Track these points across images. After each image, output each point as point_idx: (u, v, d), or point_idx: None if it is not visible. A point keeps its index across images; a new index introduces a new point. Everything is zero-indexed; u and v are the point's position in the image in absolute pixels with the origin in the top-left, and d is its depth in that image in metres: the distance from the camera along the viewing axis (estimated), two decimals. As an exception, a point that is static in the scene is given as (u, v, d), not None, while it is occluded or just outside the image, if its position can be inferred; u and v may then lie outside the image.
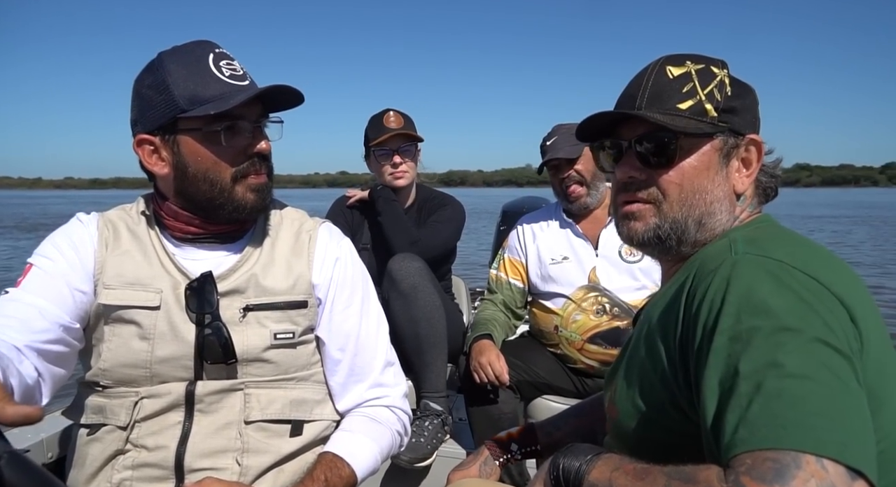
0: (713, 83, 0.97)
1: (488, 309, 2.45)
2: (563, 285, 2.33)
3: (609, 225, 2.36)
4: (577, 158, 2.33)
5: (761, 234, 0.93)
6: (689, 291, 0.88)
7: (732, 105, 0.97)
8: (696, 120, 0.96)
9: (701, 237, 0.99)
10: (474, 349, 2.23)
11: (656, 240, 1.00)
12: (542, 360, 2.33)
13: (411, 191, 2.65)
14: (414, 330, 2.23)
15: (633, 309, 2.23)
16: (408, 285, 2.23)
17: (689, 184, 0.97)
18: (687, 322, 0.86)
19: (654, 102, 0.99)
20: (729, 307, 0.79)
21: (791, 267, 0.81)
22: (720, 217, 0.98)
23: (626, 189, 1.02)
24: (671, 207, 0.98)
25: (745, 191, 1.00)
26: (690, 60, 1.00)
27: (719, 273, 0.83)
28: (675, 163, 0.97)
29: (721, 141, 0.97)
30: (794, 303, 0.77)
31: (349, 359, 1.33)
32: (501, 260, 2.53)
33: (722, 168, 0.98)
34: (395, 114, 2.55)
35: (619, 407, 0.99)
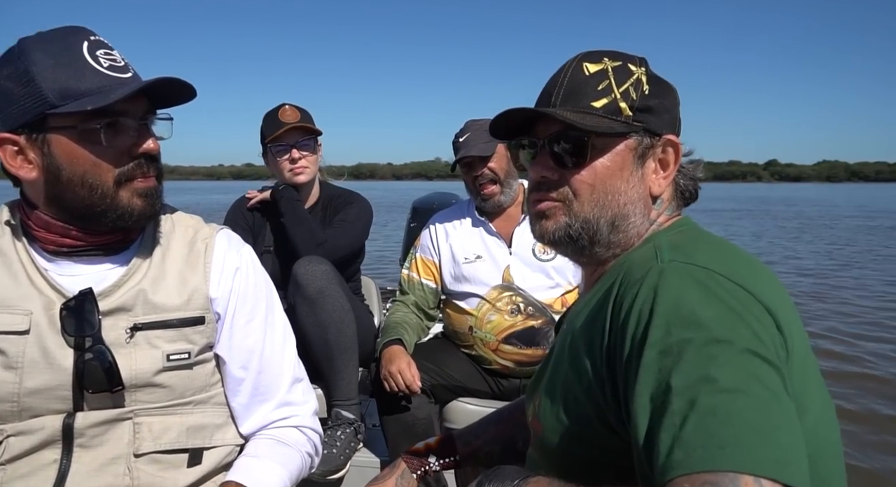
0: (629, 81, 0.94)
1: (399, 311, 2.38)
2: (477, 285, 2.29)
3: (523, 223, 2.33)
4: (491, 156, 2.29)
5: (685, 239, 0.91)
6: (616, 300, 0.84)
7: (649, 104, 0.94)
8: (610, 119, 0.93)
9: (615, 239, 0.96)
10: (384, 356, 2.15)
11: (567, 239, 0.98)
12: (456, 362, 2.28)
13: (314, 188, 2.53)
14: (323, 336, 2.13)
15: (548, 308, 2.22)
16: (314, 289, 2.12)
17: (602, 184, 0.94)
18: (614, 333, 0.82)
19: (569, 100, 0.95)
20: (658, 318, 0.76)
21: (717, 275, 0.79)
22: (634, 219, 0.96)
23: (538, 188, 1.00)
24: (582, 207, 0.95)
25: (661, 194, 0.97)
26: (608, 57, 0.96)
27: (646, 282, 0.80)
28: (587, 162, 0.94)
29: (636, 141, 0.94)
30: (722, 313, 0.75)
31: (253, 378, 1.22)
32: (413, 259, 2.46)
33: (637, 169, 0.95)
34: (291, 108, 2.42)
35: (542, 422, 0.94)
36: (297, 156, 2.40)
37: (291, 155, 2.39)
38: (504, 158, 2.32)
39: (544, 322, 2.20)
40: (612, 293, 0.86)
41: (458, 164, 2.34)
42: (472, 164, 2.31)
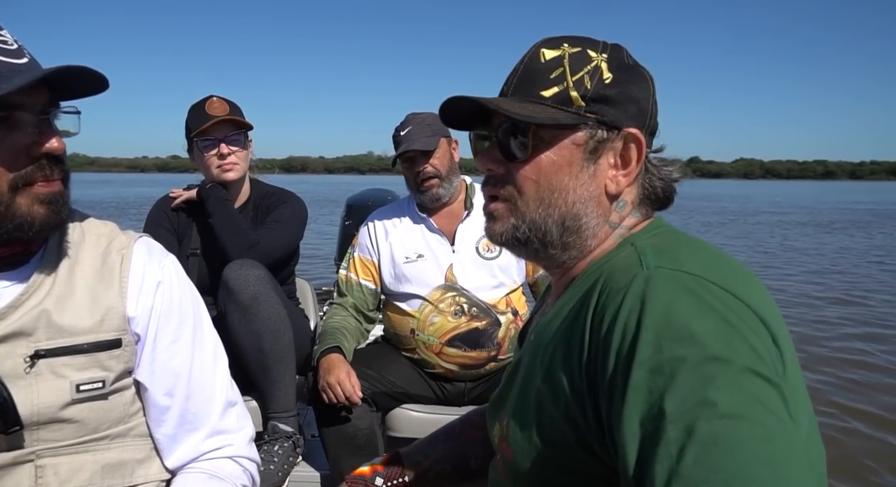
0: (585, 69, 0.85)
1: (337, 314, 2.26)
2: (419, 285, 2.20)
3: (466, 219, 2.25)
4: (433, 151, 2.20)
5: (668, 243, 0.83)
6: (596, 310, 0.76)
7: (606, 94, 0.85)
8: (558, 108, 0.85)
9: (569, 240, 0.88)
10: (322, 366, 2.03)
11: (516, 242, 0.90)
12: (398, 367, 2.19)
13: (244, 186, 2.38)
14: (257, 345, 2.00)
15: (492, 308, 2.15)
16: (247, 295, 1.99)
17: (547, 181, 0.86)
18: (595, 347, 0.74)
19: (521, 88, 0.88)
20: (646, 332, 0.68)
21: (708, 283, 0.72)
22: (587, 220, 0.87)
23: (487, 183, 0.92)
24: (527, 206, 0.87)
25: (620, 193, 0.88)
26: (569, 43, 0.87)
27: (631, 290, 0.72)
28: (531, 156, 0.86)
29: (586, 134, 0.85)
30: (718, 326, 0.67)
31: (180, 404, 1.09)
32: (351, 259, 2.34)
33: (588, 165, 0.86)
34: (219, 100, 2.26)
35: (513, 446, 0.85)
36: (225, 152, 2.24)
37: (220, 150, 2.24)
38: (447, 154, 2.24)
39: (489, 323, 2.14)
40: (591, 302, 0.77)
41: (399, 159, 2.24)
42: (413, 159, 2.21)
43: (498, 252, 2.22)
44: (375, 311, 2.35)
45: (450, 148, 2.26)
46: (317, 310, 2.71)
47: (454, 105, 0.91)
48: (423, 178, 2.20)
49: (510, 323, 2.17)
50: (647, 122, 0.88)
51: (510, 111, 0.84)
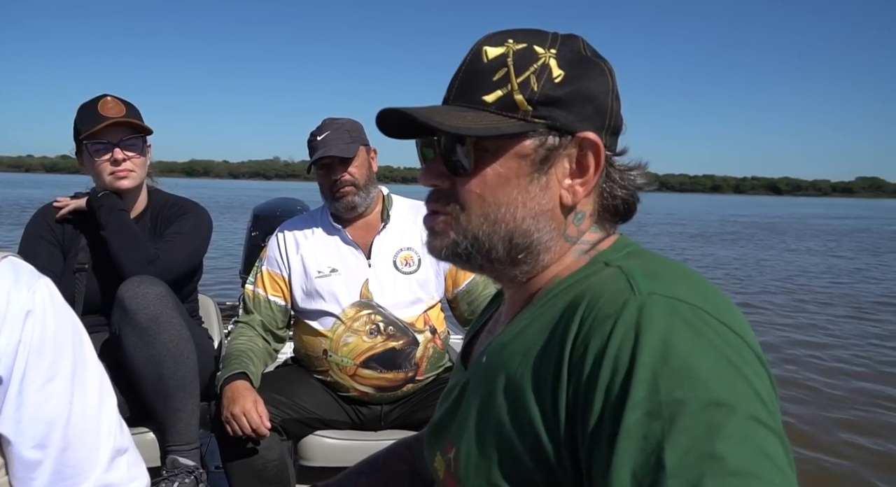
0: (532, 67, 0.76)
1: (243, 335, 2.09)
2: (332, 302, 2.07)
3: (382, 231, 2.14)
4: (352, 159, 2.08)
5: (655, 265, 0.74)
6: (577, 337, 0.67)
7: (557, 95, 0.76)
8: (502, 115, 0.76)
9: (518, 256, 0.79)
10: (226, 394, 1.86)
11: (457, 257, 0.81)
12: (309, 391, 2.05)
13: (141, 194, 2.18)
14: (156, 371, 1.82)
15: (409, 327, 2.06)
16: (146, 316, 1.80)
17: (492, 195, 0.77)
18: (576, 381, 0.65)
19: (462, 94, 0.79)
20: (641, 369, 0.60)
21: (705, 314, 0.64)
22: (539, 236, 0.79)
23: (429, 199, 0.83)
24: (470, 221, 0.79)
25: (577, 203, 0.79)
26: (514, 38, 0.78)
27: (623, 318, 0.64)
28: (476, 170, 0.78)
29: (535, 142, 0.76)
30: (719, 366, 0.60)
31: (55, 457, 0.91)
32: (259, 273, 2.18)
33: (538, 175, 0.77)
34: (114, 100, 2.05)
35: (464, 483, 0.76)
36: (120, 158, 2.04)
37: (114, 155, 2.03)
38: (365, 162, 2.12)
39: (406, 342, 2.04)
40: (571, 328, 0.69)
41: (314, 165, 2.11)
42: (330, 166, 2.09)
43: (416, 266, 2.13)
44: (285, 330, 2.20)
45: (368, 156, 2.16)
46: (221, 329, 2.53)
47: (389, 116, 0.80)
48: (340, 186, 2.08)
49: (428, 342, 2.08)
50: (606, 122, 0.79)
51: (442, 124, 0.74)
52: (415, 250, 2.15)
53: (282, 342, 2.20)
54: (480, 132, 0.75)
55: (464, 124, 0.75)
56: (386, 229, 2.16)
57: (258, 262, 2.22)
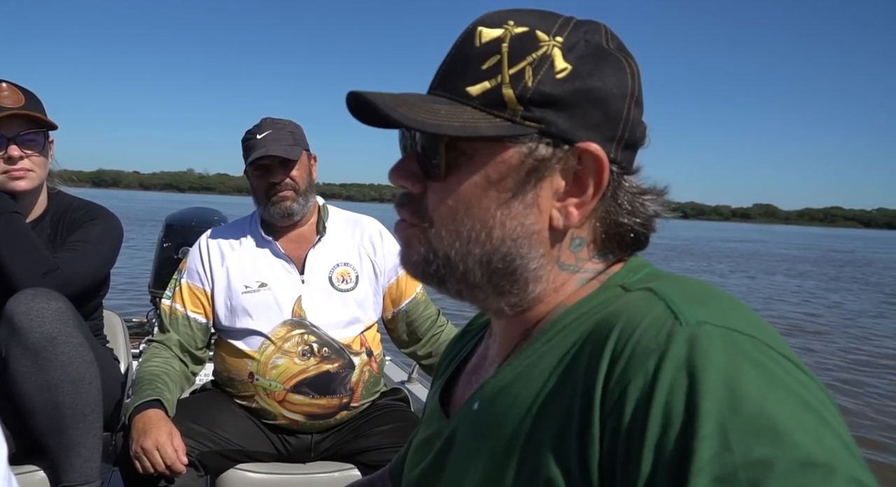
0: (530, 57, 0.62)
1: (157, 356, 1.86)
2: (260, 320, 1.88)
3: (318, 244, 1.97)
4: (295, 162, 1.90)
5: (692, 287, 0.61)
6: (610, 378, 0.54)
7: (555, 93, 0.61)
8: (485, 112, 0.62)
9: (501, 284, 0.65)
10: (136, 425, 1.63)
11: (430, 278, 0.67)
12: (231, 419, 1.84)
13: (40, 197, 1.93)
14: (52, 400, 1.58)
15: (345, 348, 1.89)
16: (41, 336, 1.56)
17: (465, 208, 0.63)
18: (613, 433, 0.52)
19: (445, 81, 0.65)
20: (706, 421, 0.48)
21: (769, 348, 0.53)
22: (523, 262, 0.64)
23: (398, 204, 0.69)
24: (440, 237, 0.65)
25: (570, 228, 0.65)
26: (516, 19, 0.64)
27: (671, 355, 0.51)
28: (448, 175, 0.64)
29: (523, 149, 0.62)
30: (801, 415, 0.49)
31: None
32: (177, 287, 1.96)
33: (523, 190, 0.63)
34: (11, 88, 1.80)
35: None
36: (16, 155, 1.79)
37: (9, 152, 1.78)
38: (306, 168, 1.96)
39: (341, 365, 1.87)
40: (600, 365, 0.55)
41: (251, 166, 1.92)
42: (269, 168, 1.90)
43: (354, 283, 1.97)
44: (205, 350, 1.99)
45: (309, 162, 1.99)
46: (128, 349, 2.27)
47: (358, 101, 0.65)
48: (279, 190, 1.90)
49: (364, 366, 1.92)
50: (618, 133, 0.64)
51: (405, 117, 0.60)
52: (352, 266, 1.99)
53: (200, 364, 1.98)
54: (450, 130, 0.61)
55: (434, 119, 0.61)
56: (321, 242, 1.99)
57: (177, 275, 2.01)
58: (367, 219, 2.11)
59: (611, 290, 0.64)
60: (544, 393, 0.60)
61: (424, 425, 0.81)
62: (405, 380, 2.79)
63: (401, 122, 0.60)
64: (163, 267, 3.19)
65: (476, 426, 0.66)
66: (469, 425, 0.68)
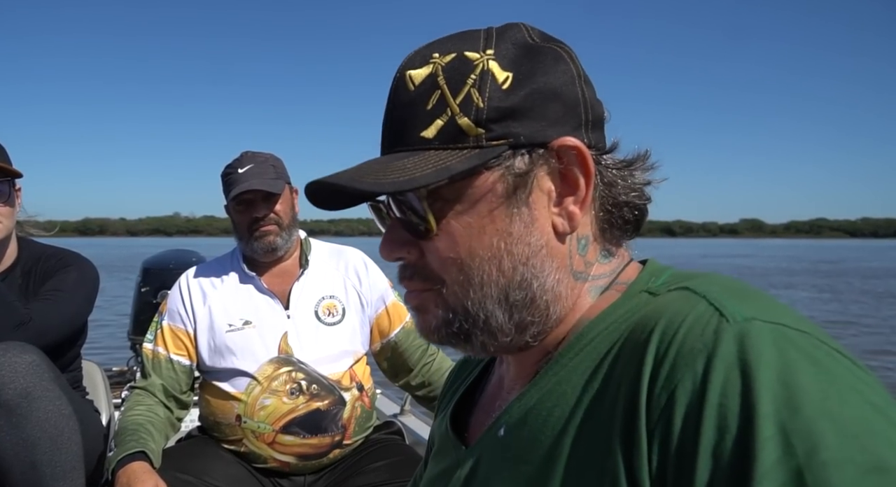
0: (469, 80, 0.59)
1: (140, 404, 1.79)
2: (246, 359, 1.82)
3: (301, 278, 1.92)
4: (278, 195, 1.87)
5: (730, 282, 0.58)
6: (655, 382, 0.51)
7: (510, 104, 0.59)
8: (450, 150, 0.59)
9: (523, 318, 0.62)
10: (120, 479, 1.57)
11: (455, 338, 0.64)
12: (220, 465, 1.77)
13: (9, 247, 1.88)
14: (28, 459, 1.51)
15: (335, 384, 1.83)
16: (14, 391, 1.50)
17: (468, 253, 0.61)
18: (664, 441, 0.49)
19: (397, 138, 0.62)
20: (766, 423, 0.45)
21: (823, 344, 0.50)
22: (541, 282, 0.61)
23: (403, 277, 0.66)
24: (454, 293, 0.62)
25: (576, 228, 0.62)
26: (439, 51, 0.62)
27: (721, 354, 0.48)
28: (441, 228, 0.61)
29: (501, 169, 0.60)
30: (866, 414, 0.45)
31: None
32: (158, 329, 1.90)
33: (517, 209, 0.61)
34: None
35: None
36: None
37: None
38: (289, 201, 1.93)
39: (331, 402, 1.81)
40: (643, 370, 0.52)
41: (234, 201, 1.87)
42: (252, 202, 1.86)
43: (341, 316, 1.92)
44: (189, 393, 1.92)
45: (292, 196, 1.96)
46: (110, 399, 2.20)
47: (319, 189, 0.63)
48: (262, 225, 1.87)
49: (356, 401, 1.86)
50: (583, 117, 0.62)
51: (376, 184, 0.58)
52: (338, 298, 1.95)
53: (185, 408, 1.92)
54: (424, 180, 0.57)
55: (403, 176, 0.58)
56: (305, 275, 1.95)
57: (157, 317, 1.95)
58: (351, 250, 2.07)
59: (636, 298, 0.61)
60: (579, 409, 0.57)
61: (436, 458, 0.77)
62: (398, 413, 2.72)
63: (373, 192, 0.58)
64: (142, 313, 3.10)
65: (506, 452, 0.62)
66: (496, 452, 0.64)
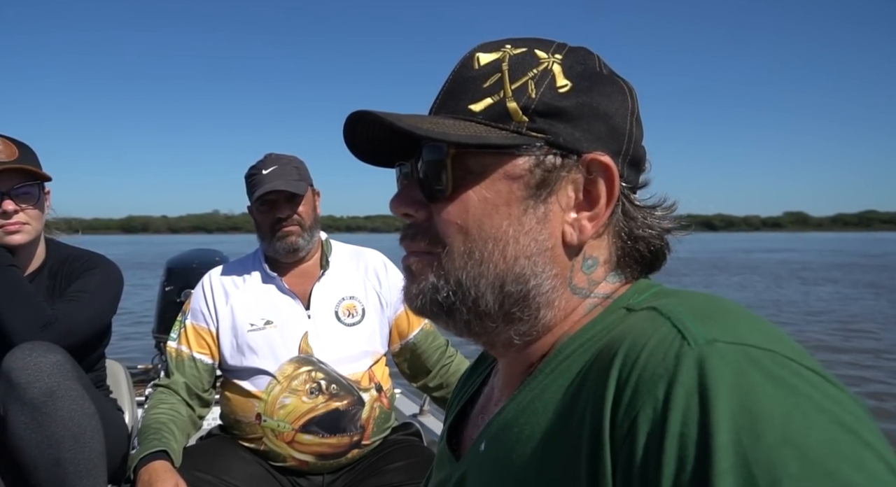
0: (531, 73, 0.61)
1: (163, 402, 1.82)
2: (266, 358, 1.84)
3: (322, 279, 1.94)
4: (301, 197, 1.89)
5: (699, 302, 0.56)
6: (618, 409, 0.50)
7: (560, 105, 0.60)
8: (490, 126, 0.60)
9: (513, 311, 0.62)
10: (142, 478, 1.59)
11: (437, 308, 0.64)
12: (239, 464, 1.79)
13: (37, 249, 1.92)
14: (53, 456, 1.54)
15: (354, 385, 1.83)
16: (40, 391, 1.53)
17: (477, 226, 0.61)
18: (626, 471, 0.48)
19: (446, 104, 0.64)
20: (724, 454, 0.42)
21: (790, 361, 0.47)
22: (537, 282, 0.61)
23: (403, 238, 0.67)
24: (452, 260, 0.62)
25: (584, 243, 0.63)
26: (512, 44, 0.64)
27: (681, 380, 0.46)
28: (456, 193, 0.61)
29: (531, 160, 0.60)
30: (834, 436, 0.43)
31: None
32: (182, 328, 1.93)
33: (535, 203, 0.61)
34: (4, 142, 1.81)
35: None
36: (10, 209, 1.78)
37: (3, 206, 1.78)
38: (311, 203, 1.94)
39: (350, 402, 1.81)
40: (606, 396, 0.51)
41: (257, 202, 1.89)
42: (275, 203, 1.88)
43: (360, 316, 1.93)
44: (211, 391, 1.95)
45: (314, 197, 1.98)
46: (133, 398, 2.24)
47: (359, 131, 0.65)
48: (285, 226, 1.88)
49: (374, 402, 1.86)
50: (623, 147, 0.63)
51: (409, 126, 0.58)
52: (358, 299, 1.96)
53: (207, 406, 1.95)
54: (457, 138, 0.59)
55: (440, 129, 0.59)
56: (325, 276, 1.96)
57: (181, 316, 1.98)
58: (371, 252, 2.08)
59: (615, 313, 0.61)
60: (549, 429, 0.56)
61: (437, 468, 0.78)
62: (417, 413, 2.72)
63: (407, 130, 0.59)
64: (166, 312, 3.15)
65: (484, 467, 0.63)
66: (478, 467, 0.64)
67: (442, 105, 0.64)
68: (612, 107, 0.63)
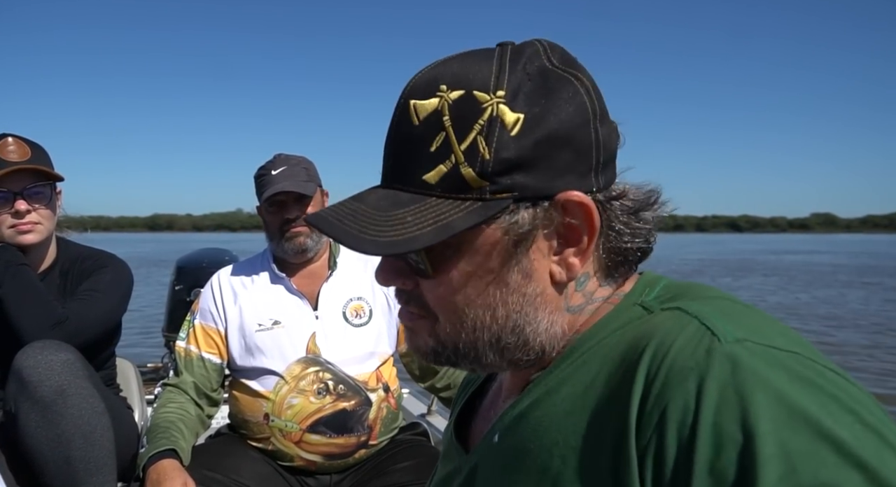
0: (477, 125, 0.56)
1: (173, 401, 1.84)
2: (274, 358, 1.84)
3: (330, 279, 1.94)
4: (310, 198, 1.89)
5: (721, 303, 0.58)
6: (646, 400, 0.51)
7: (517, 155, 0.56)
8: (452, 199, 0.57)
9: (514, 356, 0.63)
10: (150, 476, 1.61)
11: (441, 363, 0.66)
12: (248, 464, 1.80)
13: (49, 248, 1.94)
14: (63, 454, 1.56)
15: (361, 385, 1.83)
16: (50, 389, 1.55)
17: (464, 299, 0.61)
18: (657, 461, 0.49)
19: (399, 174, 0.61)
20: (766, 443, 0.45)
21: (814, 364, 0.50)
22: (533, 327, 0.61)
23: (398, 297, 0.67)
24: (446, 330, 0.63)
25: (574, 277, 0.62)
26: (447, 82, 0.58)
27: (714, 374, 0.48)
28: (436, 273, 0.61)
29: (504, 222, 0.58)
30: (860, 433, 0.46)
31: None
32: (191, 328, 1.94)
33: (517, 260, 0.60)
34: (17, 142, 1.82)
35: None
36: (23, 209, 1.80)
37: (15, 206, 1.80)
38: (320, 204, 1.94)
39: (358, 402, 1.81)
40: (634, 388, 0.52)
41: (266, 202, 1.90)
42: (284, 204, 1.88)
43: (368, 317, 1.93)
44: (220, 391, 1.96)
45: (322, 198, 1.98)
46: (143, 396, 2.26)
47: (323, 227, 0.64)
48: (294, 226, 1.88)
49: (382, 402, 1.86)
50: (593, 160, 0.59)
51: (376, 243, 0.57)
52: (366, 300, 1.95)
53: (216, 405, 1.96)
54: (425, 240, 0.56)
55: (403, 233, 0.57)
56: (333, 277, 1.96)
57: (189, 316, 2.00)
58: None
59: (629, 310, 0.61)
60: (569, 422, 0.57)
61: (443, 461, 0.78)
62: (425, 413, 2.71)
63: (373, 252, 0.58)
64: (175, 311, 3.16)
65: (499, 459, 0.63)
66: (491, 458, 0.65)
67: (393, 175, 0.62)
68: (573, 122, 0.58)
